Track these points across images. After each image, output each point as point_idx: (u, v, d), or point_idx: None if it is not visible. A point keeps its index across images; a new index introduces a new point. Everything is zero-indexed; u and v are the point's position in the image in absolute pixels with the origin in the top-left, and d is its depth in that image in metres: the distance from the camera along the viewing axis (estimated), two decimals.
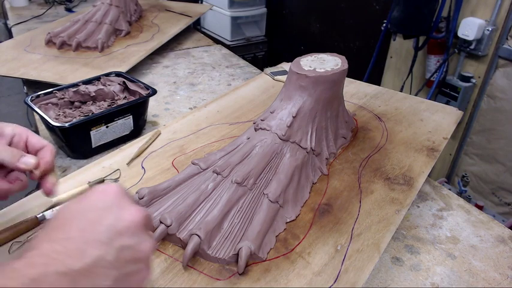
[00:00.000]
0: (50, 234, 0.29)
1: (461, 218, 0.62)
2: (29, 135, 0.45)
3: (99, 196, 0.32)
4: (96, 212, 0.30)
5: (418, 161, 0.65)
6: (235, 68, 1.19)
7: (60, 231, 0.29)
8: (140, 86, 0.83)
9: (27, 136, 0.45)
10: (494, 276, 0.52)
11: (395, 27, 1.51)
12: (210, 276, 0.45)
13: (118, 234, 0.30)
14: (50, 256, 0.27)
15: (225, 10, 2.28)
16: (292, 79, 0.64)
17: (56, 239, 0.28)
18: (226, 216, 0.51)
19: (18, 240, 0.49)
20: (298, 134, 0.61)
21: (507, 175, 1.43)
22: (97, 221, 0.30)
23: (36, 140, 0.44)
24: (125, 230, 0.30)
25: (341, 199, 0.57)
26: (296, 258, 0.48)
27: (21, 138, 0.44)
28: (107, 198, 0.32)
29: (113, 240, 0.29)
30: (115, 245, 0.29)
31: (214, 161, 0.59)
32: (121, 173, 0.62)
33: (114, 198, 0.32)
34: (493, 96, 1.42)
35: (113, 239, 0.29)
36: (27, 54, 1.08)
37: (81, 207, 0.31)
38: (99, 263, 0.28)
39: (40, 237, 0.29)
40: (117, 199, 0.32)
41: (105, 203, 0.31)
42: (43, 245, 0.27)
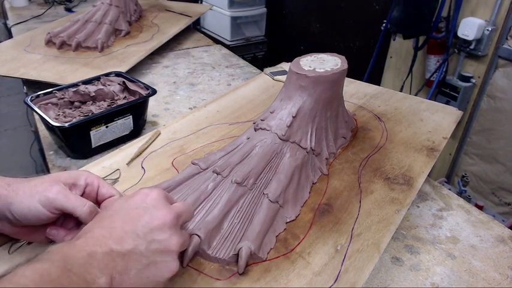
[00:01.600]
0: (101, 221, 0.37)
1: (461, 218, 0.62)
2: (100, 184, 0.47)
3: (142, 197, 0.40)
4: (137, 210, 0.39)
5: (418, 161, 0.65)
6: (235, 68, 1.19)
7: (108, 220, 0.37)
8: (140, 86, 0.83)
9: (98, 186, 0.47)
10: (494, 276, 0.52)
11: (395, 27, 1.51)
12: (210, 276, 0.45)
13: (151, 231, 0.37)
14: (99, 239, 0.35)
15: (225, 10, 2.28)
16: (292, 79, 0.64)
17: (104, 226, 0.37)
18: (226, 216, 0.51)
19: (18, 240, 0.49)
20: (298, 134, 0.61)
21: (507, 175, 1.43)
22: (136, 218, 0.38)
23: (106, 190, 0.47)
24: (156, 227, 0.38)
25: (341, 199, 0.57)
26: (296, 258, 0.48)
27: (93, 188, 0.47)
28: (147, 200, 0.40)
29: (146, 234, 0.37)
30: (147, 238, 0.37)
31: (214, 161, 0.59)
32: (121, 173, 0.62)
33: (153, 200, 0.40)
34: (493, 96, 1.42)
35: (146, 233, 0.37)
36: (27, 54, 1.08)
37: (126, 204, 0.39)
38: (133, 250, 0.36)
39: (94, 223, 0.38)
40: (155, 201, 0.40)
41: (145, 204, 0.39)
42: (95, 230, 0.36)
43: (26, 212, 0.41)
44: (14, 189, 0.42)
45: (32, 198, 0.41)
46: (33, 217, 0.42)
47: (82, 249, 0.33)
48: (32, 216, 0.42)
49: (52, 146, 0.78)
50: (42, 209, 0.41)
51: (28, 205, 0.41)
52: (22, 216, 0.41)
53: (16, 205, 0.41)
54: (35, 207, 0.41)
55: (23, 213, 0.41)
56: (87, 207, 0.42)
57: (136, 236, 0.36)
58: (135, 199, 0.40)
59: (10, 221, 0.43)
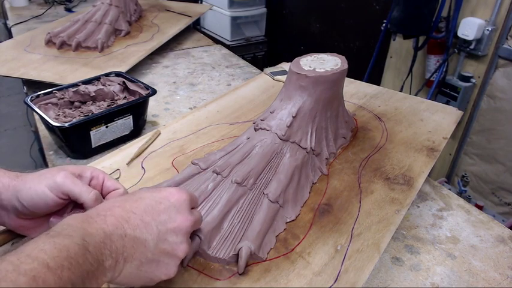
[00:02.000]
0: (124, 202, 0.38)
1: (461, 218, 0.62)
2: (105, 178, 0.48)
3: (168, 195, 0.40)
4: (161, 205, 0.39)
5: (418, 161, 0.65)
6: (235, 68, 1.19)
7: (131, 204, 0.38)
8: (140, 86, 0.83)
9: (103, 179, 0.47)
10: (494, 276, 0.52)
11: (395, 27, 1.51)
12: (210, 276, 0.45)
13: (165, 230, 0.38)
14: (118, 220, 0.35)
15: (225, 10, 2.28)
16: (292, 79, 0.64)
17: (126, 208, 0.37)
18: (226, 216, 0.51)
19: (18, 240, 0.49)
20: (298, 134, 0.61)
21: (507, 175, 1.43)
22: (157, 212, 0.38)
23: (111, 184, 0.47)
24: (172, 229, 0.38)
25: (341, 199, 0.57)
26: (296, 258, 0.48)
27: (99, 181, 0.47)
28: (172, 200, 0.40)
29: (161, 232, 0.38)
30: (160, 236, 0.38)
31: (214, 161, 0.59)
32: (121, 173, 0.62)
33: (178, 202, 0.40)
34: (493, 96, 1.42)
35: (161, 231, 0.38)
36: (27, 54, 1.08)
37: (153, 196, 0.40)
38: (142, 242, 0.36)
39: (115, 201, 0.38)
40: (179, 204, 0.40)
41: (170, 203, 0.40)
42: (116, 209, 0.37)
43: (33, 196, 0.42)
44: (22, 179, 0.43)
45: (39, 184, 0.42)
46: (40, 201, 0.42)
47: (100, 228, 0.34)
48: (39, 200, 0.42)
49: (52, 146, 0.78)
50: (50, 193, 0.42)
51: (36, 190, 0.42)
52: (30, 202, 0.42)
53: (24, 191, 0.42)
54: (43, 191, 0.42)
55: (31, 197, 0.42)
56: (93, 194, 0.43)
57: (151, 229, 0.37)
58: (162, 194, 0.40)
59: (17, 212, 0.43)
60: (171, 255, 0.38)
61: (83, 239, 0.32)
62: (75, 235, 0.32)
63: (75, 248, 0.30)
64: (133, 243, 0.35)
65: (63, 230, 0.32)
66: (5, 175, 0.44)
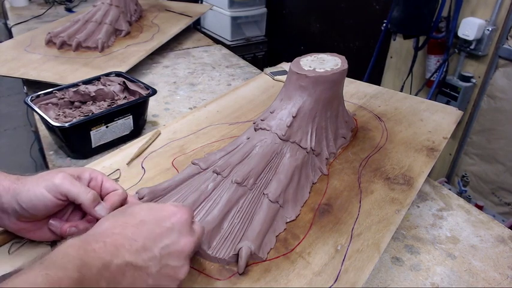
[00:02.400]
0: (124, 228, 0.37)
1: (461, 218, 0.62)
2: (104, 179, 0.48)
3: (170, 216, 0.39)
4: (161, 229, 0.38)
5: (418, 161, 0.65)
6: (235, 68, 1.19)
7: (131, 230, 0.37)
8: (140, 86, 0.83)
9: (102, 180, 0.47)
10: (494, 276, 0.52)
11: (395, 27, 1.51)
12: (210, 276, 0.45)
13: (168, 255, 0.37)
14: (118, 249, 0.34)
15: (225, 10, 2.28)
16: (292, 79, 0.64)
17: (126, 236, 0.36)
18: (226, 216, 0.51)
19: (18, 240, 0.49)
20: (298, 134, 0.61)
21: (507, 175, 1.43)
22: (158, 237, 0.37)
23: (110, 185, 0.47)
24: (174, 253, 0.38)
25: (341, 199, 0.57)
26: (296, 258, 0.48)
27: (97, 183, 0.47)
28: (174, 220, 0.39)
29: (163, 257, 0.37)
30: (162, 262, 0.37)
31: (214, 161, 0.59)
32: (121, 173, 0.62)
33: (179, 223, 0.39)
34: (493, 96, 1.42)
35: (163, 256, 0.37)
36: (27, 54, 1.08)
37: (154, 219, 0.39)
38: (145, 269, 0.36)
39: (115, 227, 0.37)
40: (181, 225, 0.39)
41: (172, 225, 0.39)
42: (116, 236, 0.35)
43: (32, 198, 0.42)
44: (22, 182, 0.43)
45: (38, 186, 0.43)
46: (39, 203, 0.42)
47: (98, 257, 0.33)
48: (38, 202, 0.42)
49: (52, 146, 0.78)
50: (48, 195, 0.42)
51: (34, 191, 0.42)
52: (29, 204, 0.42)
53: (23, 194, 0.42)
54: (41, 193, 0.42)
55: (30, 199, 0.42)
56: (91, 195, 0.43)
57: (153, 256, 0.36)
58: (162, 214, 0.39)
59: (18, 215, 0.43)
60: (172, 279, 0.38)
61: (79, 271, 0.31)
62: (70, 267, 0.31)
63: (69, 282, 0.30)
64: (134, 272, 0.35)
65: (58, 260, 0.31)
66: (6, 178, 0.44)
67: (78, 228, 0.45)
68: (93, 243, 0.34)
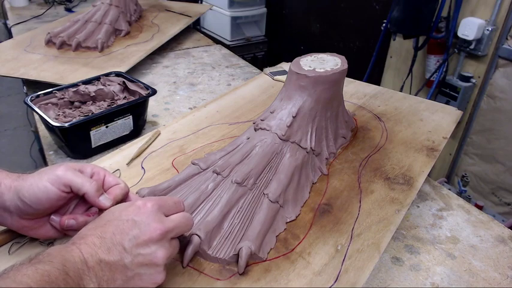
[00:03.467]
0: (95, 229, 0.39)
1: (461, 218, 0.62)
2: (106, 174, 0.48)
3: (135, 210, 0.40)
4: (127, 223, 0.39)
5: (418, 161, 0.65)
6: (235, 68, 1.19)
7: (100, 229, 0.38)
8: (140, 86, 0.83)
9: (105, 175, 0.48)
10: (494, 276, 0.52)
11: (395, 27, 1.51)
12: (210, 276, 0.45)
13: (137, 245, 0.38)
14: (91, 247, 0.37)
15: (225, 10, 2.28)
16: (292, 79, 0.64)
17: (97, 234, 0.38)
18: (226, 217, 0.51)
19: (18, 240, 0.49)
20: (298, 134, 0.61)
21: (507, 175, 1.43)
22: (125, 231, 0.39)
23: (112, 179, 0.48)
24: (142, 242, 0.39)
25: (341, 199, 0.57)
26: (296, 258, 0.48)
27: (99, 177, 0.47)
28: (140, 212, 0.40)
29: (132, 248, 0.38)
30: (133, 252, 0.38)
31: (214, 161, 0.59)
32: (121, 173, 0.62)
33: (145, 214, 0.40)
34: (493, 96, 1.42)
35: (132, 247, 0.38)
36: (27, 54, 1.08)
37: (119, 215, 0.40)
38: (118, 262, 0.37)
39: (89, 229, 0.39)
40: (147, 215, 0.40)
41: (137, 217, 0.40)
42: (89, 237, 0.38)
43: (36, 191, 0.42)
44: (23, 179, 0.44)
45: (40, 179, 0.43)
46: (43, 196, 0.43)
47: (76, 255, 0.35)
48: (41, 195, 0.42)
49: (52, 146, 0.78)
50: (51, 187, 0.43)
51: (37, 185, 0.42)
52: (33, 198, 0.42)
53: (26, 189, 0.42)
54: (44, 185, 0.42)
55: (34, 193, 0.42)
56: (95, 184, 0.44)
57: (123, 248, 0.38)
58: (128, 210, 0.40)
59: (20, 212, 0.44)
60: (150, 266, 0.39)
61: (63, 265, 0.33)
62: (55, 261, 0.33)
63: (56, 273, 0.32)
64: (110, 266, 0.37)
65: (44, 258, 0.34)
66: (7, 176, 0.44)
67: (77, 220, 0.45)
68: (70, 245, 0.37)
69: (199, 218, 0.50)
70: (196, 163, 0.59)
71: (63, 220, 0.45)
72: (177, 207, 0.44)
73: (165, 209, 0.42)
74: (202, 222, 0.49)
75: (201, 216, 0.51)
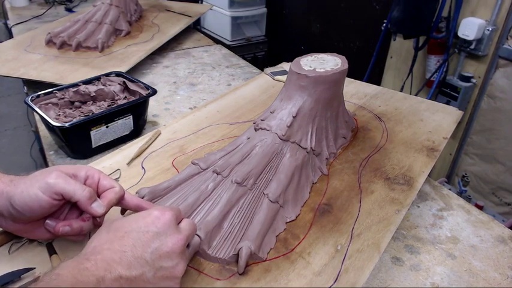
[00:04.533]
0: (111, 243, 0.37)
1: (461, 218, 0.62)
2: (101, 177, 0.47)
3: (154, 220, 0.39)
4: (147, 234, 0.38)
5: (418, 161, 0.65)
6: (235, 68, 1.19)
7: (118, 243, 0.37)
8: (140, 86, 0.83)
9: (99, 178, 0.47)
10: (494, 276, 0.52)
11: (395, 27, 1.51)
12: (210, 276, 0.46)
13: (159, 258, 0.38)
14: (110, 263, 0.35)
15: (225, 10, 2.28)
16: (292, 79, 0.64)
17: (114, 249, 0.36)
18: (226, 216, 0.51)
19: (18, 240, 0.49)
20: (298, 134, 0.61)
21: (507, 175, 1.43)
22: (146, 243, 0.38)
23: (107, 182, 0.47)
24: (165, 255, 0.38)
25: (341, 199, 0.57)
26: (296, 258, 0.48)
27: (94, 180, 0.47)
28: (159, 224, 0.39)
29: (155, 261, 0.37)
30: (155, 265, 0.37)
31: (214, 161, 0.59)
32: (121, 173, 0.62)
33: (164, 225, 0.39)
34: (493, 96, 1.42)
35: (155, 260, 0.37)
36: (27, 54, 1.08)
37: (137, 227, 0.39)
38: (140, 277, 0.36)
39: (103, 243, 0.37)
40: (166, 226, 0.39)
41: (156, 228, 0.39)
42: (105, 252, 0.36)
43: (27, 200, 0.41)
44: (15, 184, 0.43)
45: (32, 187, 0.42)
46: (34, 204, 0.42)
47: (92, 274, 0.33)
48: (33, 204, 0.42)
49: (52, 146, 0.78)
50: (42, 196, 0.42)
51: (28, 193, 0.41)
52: (24, 207, 0.42)
53: (17, 196, 0.41)
54: (35, 194, 0.41)
55: (25, 202, 0.41)
56: (87, 192, 0.43)
57: (145, 262, 0.37)
58: (146, 221, 0.39)
59: (13, 217, 0.43)
60: (171, 279, 0.39)
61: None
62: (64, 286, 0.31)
63: None
64: (131, 282, 0.35)
65: (52, 281, 0.32)
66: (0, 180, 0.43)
67: (71, 227, 0.44)
68: (85, 262, 0.34)
69: (199, 218, 0.50)
70: (197, 163, 0.59)
71: (57, 227, 0.44)
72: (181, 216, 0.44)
73: (179, 217, 0.42)
74: (202, 222, 0.49)
75: (201, 216, 0.51)
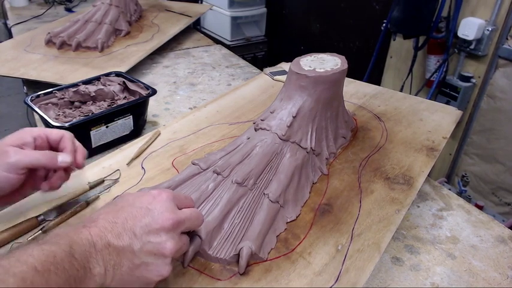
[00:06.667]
0: (107, 214, 0.39)
1: (461, 218, 0.62)
2: (47, 133, 0.49)
3: (150, 198, 0.41)
4: (141, 210, 0.40)
5: (418, 161, 0.65)
6: (235, 68, 1.19)
7: (113, 214, 0.39)
8: (140, 86, 0.83)
9: (46, 134, 0.49)
10: (494, 276, 0.52)
11: (395, 27, 1.51)
12: (210, 276, 0.46)
13: (148, 232, 0.38)
14: (102, 231, 0.37)
15: (225, 10, 2.28)
16: (292, 79, 0.64)
17: (108, 219, 0.38)
18: (226, 217, 0.51)
19: (18, 241, 0.49)
20: (298, 134, 0.61)
21: (507, 175, 1.43)
22: (138, 218, 0.39)
23: (54, 134, 0.50)
24: (153, 231, 0.39)
25: (341, 199, 0.57)
26: (297, 258, 0.48)
27: (42, 138, 0.49)
28: (154, 202, 0.41)
29: (143, 235, 0.38)
30: (143, 239, 0.38)
31: (215, 161, 0.59)
32: (121, 173, 0.62)
33: (159, 203, 0.40)
34: (493, 96, 1.42)
35: (143, 234, 0.38)
36: (27, 54, 1.08)
37: (133, 202, 0.41)
38: (127, 248, 0.37)
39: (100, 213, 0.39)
40: (161, 204, 0.40)
41: (151, 205, 0.40)
42: (100, 221, 0.38)
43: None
44: None
45: None
46: (4, 185, 0.45)
47: (85, 238, 0.35)
48: (3, 185, 0.45)
49: None
50: (10, 175, 0.45)
51: None
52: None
53: None
54: (3, 176, 0.44)
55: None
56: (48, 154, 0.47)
57: (133, 234, 0.38)
58: (143, 199, 0.41)
59: None
60: (158, 256, 0.39)
61: (70, 246, 0.34)
62: (62, 243, 0.34)
63: (62, 255, 0.32)
64: (118, 251, 0.37)
65: (51, 239, 0.34)
66: None
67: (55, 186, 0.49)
68: (81, 228, 0.37)
69: None
70: (197, 163, 0.59)
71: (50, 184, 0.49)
72: (188, 202, 0.44)
73: (178, 201, 0.43)
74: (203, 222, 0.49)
75: None
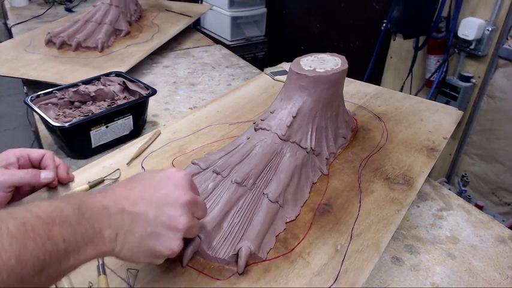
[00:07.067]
0: (125, 184, 0.41)
1: (461, 218, 0.62)
2: (28, 152, 0.53)
3: (168, 175, 0.42)
4: (160, 183, 0.41)
5: (418, 161, 0.65)
6: (235, 68, 1.19)
7: (131, 185, 0.40)
8: (140, 86, 0.83)
9: (28, 154, 0.53)
10: (494, 276, 0.52)
11: (395, 27, 1.51)
12: (209, 276, 0.45)
13: (163, 203, 0.39)
14: (117, 196, 0.38)
15: (225, 10, 2.28)
16: (292, 79, 0.64)
17: (125, 187, 0.40)
18: (226, 216, 0.51)
19: None
20: (298, 134, 0.61)
21: (507, 175, 1.43)
22: (156, 189, 0.40)
23: (35, 153, 0.53)
24: (170, 203, 0.39)
25: (341, 199, 0.57)
26: (296, 258, 0.48)
27: (25, 158, 0.53)
28: (172, 178, 0.42)
29: (159, 205, 0.39)
30: (159, 209, 0.39)
31: (214, 161, 0.59)
32: (121, 173, 0.62)
33: (178, 180, 0.41)
34: (493, 96, 1.42)
35: (159, 204, 0.39)
36: (27, 54, 1.08)
37: (152, 176, 0.42)
38: (142, 215, 0.38)
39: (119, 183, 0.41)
40: (179, 182, 0.41)
41: (169, 180, 0.41)
42: (116, 188, 0.39)
43: None
44: None
45: None
46: None
47: (98, 201, 0.36)
48: None
49: (52, 146, 0.78)
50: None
51: None
52: None
53: None
54: None
55: None
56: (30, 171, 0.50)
57: (149, 203, 0.39)
58: (161, 174, 0.42)
59: None
60: (171, 228, 0.39)
61: (79, 206, 0.34)
62: (72, 201, 0.34)
63: (69, 211, 0.33)
64: (133, 218, 0.37)
65: (63, 198, 0.35)
66: None
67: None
68: (96, 193, 0.38)
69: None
70: (196, 163, 0.59)
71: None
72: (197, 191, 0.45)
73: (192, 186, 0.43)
74: (202, 222, 0.49)
75: None
